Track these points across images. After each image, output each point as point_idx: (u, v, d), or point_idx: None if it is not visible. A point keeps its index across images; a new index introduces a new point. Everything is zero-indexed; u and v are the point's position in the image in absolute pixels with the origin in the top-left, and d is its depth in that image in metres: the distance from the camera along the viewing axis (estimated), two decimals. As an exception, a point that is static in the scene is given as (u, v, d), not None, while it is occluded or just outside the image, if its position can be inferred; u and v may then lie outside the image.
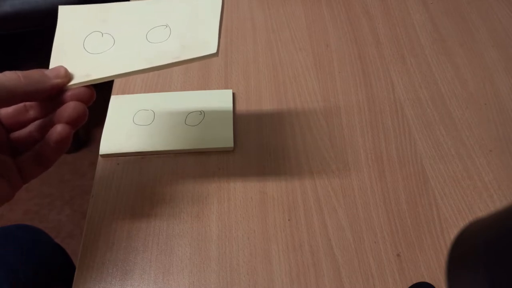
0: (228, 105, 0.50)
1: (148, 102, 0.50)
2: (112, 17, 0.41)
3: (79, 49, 0.39)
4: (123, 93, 0.52)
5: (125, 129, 0.48)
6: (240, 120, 0.50)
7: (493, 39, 0.57)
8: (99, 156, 0.47)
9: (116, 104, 0.50)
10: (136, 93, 0.52)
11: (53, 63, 0.38)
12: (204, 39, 0.37)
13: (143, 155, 0.47)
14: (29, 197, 1.19)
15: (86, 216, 0.43)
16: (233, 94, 0.52)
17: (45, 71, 0.36)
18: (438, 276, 0.39)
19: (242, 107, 0.51)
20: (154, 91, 0.52)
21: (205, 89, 0.52)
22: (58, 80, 0.36)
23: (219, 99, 0.50)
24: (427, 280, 0.39)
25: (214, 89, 0.52)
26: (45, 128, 0.36)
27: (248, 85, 0.53)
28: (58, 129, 0.35)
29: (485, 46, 0.56)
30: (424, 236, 0.42)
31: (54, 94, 0.36)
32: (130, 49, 0.38)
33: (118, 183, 0.45)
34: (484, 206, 0.43)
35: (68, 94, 0.36)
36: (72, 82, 0.37)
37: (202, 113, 0.49)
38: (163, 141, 0.47)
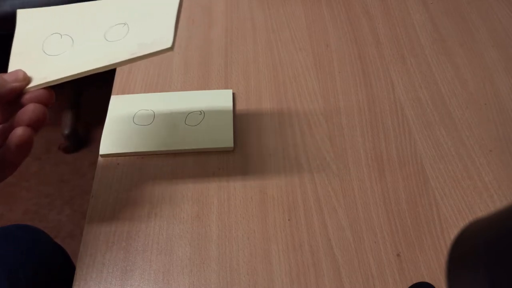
0: (228, 105, 0.50)
1: (148, 102, 0.50)
2: (71, 18, 0.41)
3: (38, 51, 0.40)
4: (123, 93, 0.52)
5: (125, 129, 0.48)
6: (240, 120, 0.50)
7: (493, 39, 0.57)
8: (99, 156, 0.47)
9: (116, 104, 0.50)
10: (136, 93, 0.52)
11: (11, 67, 0.39)
12: (160, 35, 0.38)
13: (143, 155, 0.47)
14: (29, 197, 1.19)
15: (86, 216, 0.43)
16: (233, 94, 0.52)
17: (3, 75, 0.36)
18: (438, 276, 0.39)
19: (242, 107, 0.51)
20: (154, 91, 0.52)
21: (205, 89, 0.52)
22: (17, 84, 0.36)
23: (219, 99, 0.50)
24: (427, 280, 0.39)
25: (214, 89, 0.52)
26: (6, 133, 0.36)
27: (248, 85, 0.53)
28: (19, 132, 0.34)
29: (485, 46, 0.56)
30: (424, 236, 0.42)
31: (13, 98, 0.36)
32: (88, 49, 0.39)
33: (118, 183, 0.45)
34: (484, 206, 0.43)
35: (27, 96, 0.36)
36: (30, 85, 0.37)
37: (202, 113, 0.49)
38: (163, 141, 0.47)
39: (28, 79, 0.37)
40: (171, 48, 0.37)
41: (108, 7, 0.41)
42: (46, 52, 0.39)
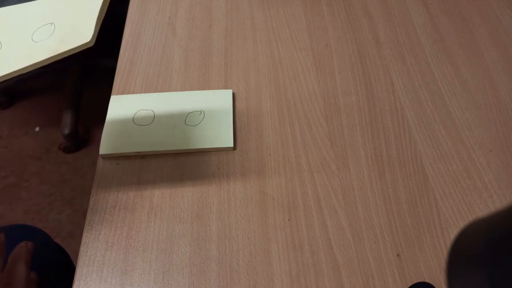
0: (228, 105, 0.50)
1: (148, 102, 0.50)
2: (0, 22, 0.42)
3: None
4: (123, 93, 0.52)
5: (125, 129, 0.48)
6: (240, 120, 0.50)
7: (493, 39, 0.57)
8: (99, 156, 0.47)
9: (116, 104, 0.50)
10: (136, 93, 0.52)
11: None
12: (81, 30, 0.39)
13: (143, 155, 0.47)
14: (30, 197, 1.19)
15: (86, 216, 0.43)
16: (233, 94, 0.52)
17: None
18: (438, 276, 0.39)
19: (242, 107, 0.51)
20: (154, 91, 0.52)
21: (205, 89, 0.52)
22: None
23: (219, 99, 0.50)
24: (427, 280, 0.39)
25: (214, 89, 0.52)
26: None
27: (248, 85, 0.53)
28: None
29: (485, 46, 0.56)
30: (424, 236, 0.42)
31: None
32: (15, 51, 0.40)
33: (118, 183, 0.45)
34: (484, 206, 0.43)
35: None
36: None
37: (202, 113, 0.49)
38: (163, 141, 0.47)
39: None
40: (90, 43, 0.38)
41: (36, 8, 0.42)
42: None
